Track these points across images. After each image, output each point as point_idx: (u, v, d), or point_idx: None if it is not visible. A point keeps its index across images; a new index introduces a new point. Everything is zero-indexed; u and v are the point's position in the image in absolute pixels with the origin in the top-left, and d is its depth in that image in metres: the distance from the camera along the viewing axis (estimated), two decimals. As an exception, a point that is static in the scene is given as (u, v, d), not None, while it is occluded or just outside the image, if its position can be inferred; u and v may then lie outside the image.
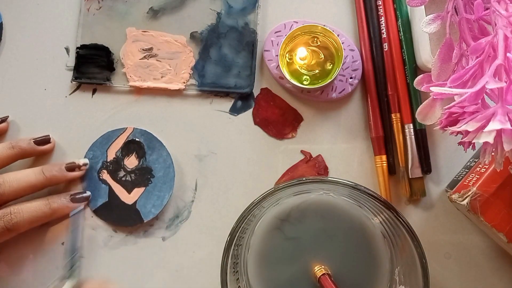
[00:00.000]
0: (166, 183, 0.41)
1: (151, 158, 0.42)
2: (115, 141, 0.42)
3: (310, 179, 0.35)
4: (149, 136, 0.42)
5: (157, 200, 0.41)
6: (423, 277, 0.33)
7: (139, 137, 0.42)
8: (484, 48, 0.30)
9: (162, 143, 0.42)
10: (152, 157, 0.42)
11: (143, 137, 0.42)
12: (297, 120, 0.43)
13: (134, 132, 0.42)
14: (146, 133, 0.42)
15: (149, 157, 0.42)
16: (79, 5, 0.43)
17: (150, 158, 0.42)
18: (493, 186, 0.35)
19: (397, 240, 0.36)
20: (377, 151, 0.41)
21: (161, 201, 0.41)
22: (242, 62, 0.42)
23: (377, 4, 0.43)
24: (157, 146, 0.42)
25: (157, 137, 0.42)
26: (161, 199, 0.41)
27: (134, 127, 0.42)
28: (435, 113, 0.33)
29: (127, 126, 0.42)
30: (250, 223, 0.37)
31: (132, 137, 0.42)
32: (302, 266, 0.37)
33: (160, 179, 0.41)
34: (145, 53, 0.43)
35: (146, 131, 0.42)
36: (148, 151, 0.42)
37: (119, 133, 0.42)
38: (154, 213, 0.41)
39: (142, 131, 0.42)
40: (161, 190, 0.41)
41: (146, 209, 0.41)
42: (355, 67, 0.42)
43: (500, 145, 0.27)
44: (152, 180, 0.41)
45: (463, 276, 0.41)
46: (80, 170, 0.41)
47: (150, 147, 0.42)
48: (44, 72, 0.43)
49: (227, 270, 0.34)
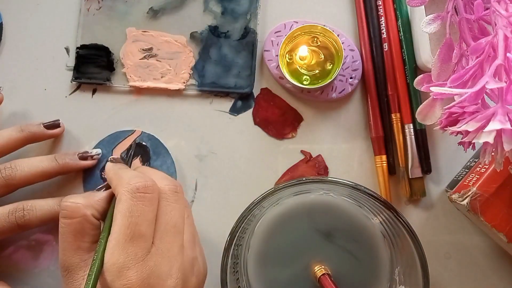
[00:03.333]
0: None
1: (155, 164, 0.42)
2: (122, 141, 0.42)
3: (310, 179, 0.35)
4: (156, 141, 0.42)
5: None
6: (423, 277, 0.33)
7: (146, 141, 0.42)
8: (484, 48, 0.30)
9: (168, 151, 0.42)
10: (157, 162, 0.42)
11: (150, 142, 0.42)
12: (297, 120, 0.43)
13: (142, 135, 0.42)
14: (153, 138, 0.42)
15: (154, 162, 0.42)
16: (79, 5, 0.43)
17: (154, 164, 0.42)
18: (493, 186, 0.35)
19: (397, 240, 0.36)
20: (377, 151, 0.41)
21: None
22: (242, 62, 0.42)
23: (377, 4, 0.43)
24: (163, 153, 0.42)
25: (164, 144, 0.42)
26: None
27: (142, 131, 0.42)
28: (435, 113, 0.33)
29: (135, 129, 0.42)
30: (250, 223, 0.37)
31: (140, 140, 0.42)
32: (302, 266, 0.37)
33: None
34: (145, 53, 0.43)
35: (154, 136, 0.42)
36: (153, 157, 0.42)
37: (127, 135, 0.42)
38: None
39: (150, 135, 0.42)
40: None
41: None
42: (355, 67, 0.42)
43: (500, 145, 0.27)
44: None
45: (463, 276, 0.41)
46: (92, 159, 0.41)
47: (155, 153, 0.42)
48: (44, 72, 0.43)
49: (227, 270, 0.34)
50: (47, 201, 0.38)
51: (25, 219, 0.36)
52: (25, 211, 0.36)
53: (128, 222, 0.31)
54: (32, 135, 0.39)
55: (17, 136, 0.39)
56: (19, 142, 0.39)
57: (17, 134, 0.39)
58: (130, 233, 0.31)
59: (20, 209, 0.36)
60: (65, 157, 0.39)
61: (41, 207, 0.37)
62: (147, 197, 0.32)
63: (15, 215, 0.36)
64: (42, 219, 0.37)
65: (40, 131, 0.40)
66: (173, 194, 0.34)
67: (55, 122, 0.41)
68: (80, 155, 0.40)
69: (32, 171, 0.38)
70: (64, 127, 0.42)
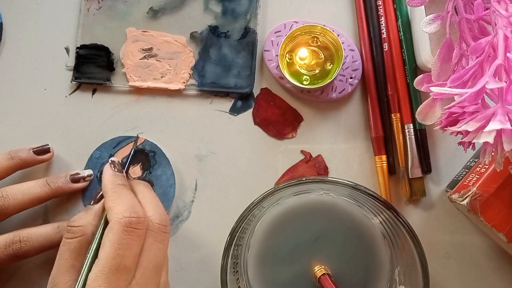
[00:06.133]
0: (164, 202, 0.40)
1: (155, 173, 0.41)
2: (124, 147, 0.42)
3: (310, 179, 0.35)
4: (159, 151, 0.42)
5: None
6: (423, 277, 0.33)
7: (148, 149, 0.42)
8: (484, 48, 0.30)
9: (169, 161, 0.41)
10: (157, 172, 0.41)
11: (152, 150, 0.42)
12: (297, 120, 0.43)
13: (145, 143, 0.42)
14: (156, 147, 0.42)
15: (154, 171, 0.41)
16: (79, 5, 0.43)
17: (154, 173, 0.41)
18: (493, 186, 0.35)
19: (397, 240, 0.36)
20: (377, 151, 0.41)
21: None
22: (242, 62, 0.42)
23: (377, 4, 0.43)
24: (164, 163, 0.41)
25: (165, 154, 0.41)
26: None
27: (146, 138, 0.42)
28: (435, 113, 0.33)
29: (135, 130, 0.42)
30: (250, 223, 0.37)
31: (142, 147, 0.42)
32: (302, 266, 0.37)
33: (159, 197, 0.40)
34: (145, 53, 0.43)
35: (156, 145, 0.42)
36: (154, 166, 0.42)
37: (130, 141, 0.42)
38: None
39: (153, 144, 0.42)
40: None
41: None
42: (355, 67, 0.42)
43: (500, 145, 0.27)
44: None
45: (463, 276, 0.41)
46: (84, 181, 0.41)
47: (157, 162, 0.42)
48: (44, 72, 0.43)
49: (227, 270, 0.34)
50: (43, 229, 0.38)
51: (23, 251, 0.36)
52: (21, 242, 0.36)
53: (115, 253, 0.31)
54: (22, 162, 0.39)
55: (7, 164, 0.39)
56: (9, 170, 0.39)
57: (7, 162, 0.39)
58: (116, 264, 0.31)
59: (16, 241, 0.36)
60: (57, 181, 0.39)
61: (38, 236, 0.37)
62: (137, 232, 0.33)
63: (12, 247, 0.36)
64: (40, 249, 0.37)
65: (30, 157, 0.40)
66: (161, 233, 0.35)
67: (45, 147, 0.40)
68: (72, 178, 0.40)
69: (26, 198, 0.38)
70: (53, 152, 0.41)
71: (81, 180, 0.40)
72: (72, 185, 0.40)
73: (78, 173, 0.40)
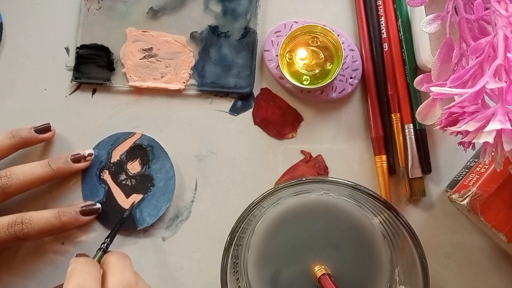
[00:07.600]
0: (165, 194, 0.41)
1: (155, 167, 0.42)
2: (122, 143, 0.42)
3: (310, 179, 0.35)
4: (156, 145, 0.42)
5: (154, 210, 0.41)
6: (423, 277, 0.33)
7: (146, 144, 0.42)
8: (484, 48, 0.30)
9: (167, 154, 0.42)
10: (156, 166, 0.42)
11: (150, 145, 0.42)
12: (297, 120, 0.43)
13: (142, 138, 0.42)
14: (153, 141, 0.42)
15: (153, 165, 0.42)
16: (79, 5, 0.43)
17: (153, 167, 0.42)
18: (493, 186, 0.35)
19: (397, 240, 0.36)
20: (377, 151, 0.41)
21: (157, 212, 0.41)
22: (242, 62, 0.42)
23: (377, 4, 0.43)
24: (162, 156, 0.42)
25: (163, 147, 0.42)
26: (157, 209, 0.41)
27: (142, 133, 0.42)
28: (435, 113, 0.33)
29: (135, 131, 0.42)
30: (250, 223, 0.37)
31: (139, 142, 0.42)
32: (302, 266, 0.37)
33: (159, 190, 0.41)
34: (145, 53, 0.43)
35: (154, 139, 0.42)
36: (153, 160, 0.42)
37: (127, 137, 0.42)
38: (149, 222, 0.41)
39: (150, 138, 0.42)
40: (158, 201, 0.41)
41: (142, 216, 0.41)
42: (355, 67, 0.42)
43: (500, 145, 0.27)
44: (152, 189, 0.41)
45: (463, 276, 0.41)
46: (85, 161, 0.41)
47: (155, 156, 0.42)
48: (44, 72, 0.43)
49: (227, 270, 0.34)
50: (45, 213, 0.38)
51: (24, 233, 0.37)
52: (23, 224, 0.37)
53: None
54: (23, 141, 0.40)
55: (9, 142, 0.39)
56: (11, 149, 0.39)
57: (8, 140, 0.39)
58: None
59: (19, 222, 0.37)
60: (58, 162, 0.40)
61: (39, 220, 0.38)
62: None
63: (14, 228, 0.37)
64: (40, 232, 0.38)
65: (31, 136, 0.40)
66: None
67: (46, 125, 0.41)
68: (73, 158, 0.40)
69: (27, 179, 0.38)
70: (55, 131, 0.41)
71: (82, 160, 0.41)
72: (73, 165, 0.40)
73: (79, 153, 0.41)
